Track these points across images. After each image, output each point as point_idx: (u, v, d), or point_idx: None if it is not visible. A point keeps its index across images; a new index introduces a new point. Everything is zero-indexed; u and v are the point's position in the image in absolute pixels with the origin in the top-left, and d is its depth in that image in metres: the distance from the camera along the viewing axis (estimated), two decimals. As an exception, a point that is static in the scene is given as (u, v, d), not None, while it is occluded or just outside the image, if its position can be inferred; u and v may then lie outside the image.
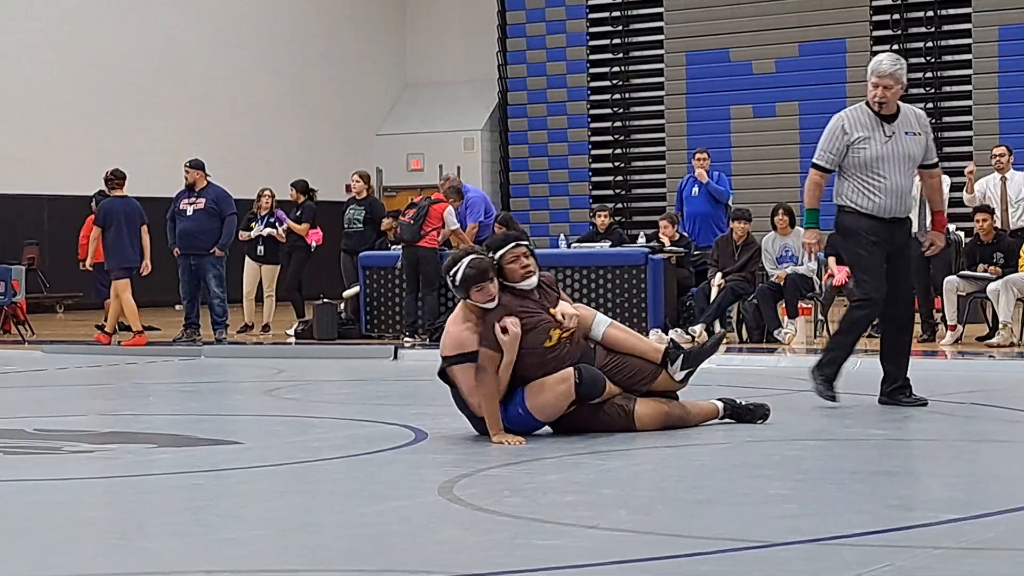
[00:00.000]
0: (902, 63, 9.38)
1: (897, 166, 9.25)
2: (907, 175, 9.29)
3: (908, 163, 9.28)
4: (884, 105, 9.26)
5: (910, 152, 9.26)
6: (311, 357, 15.19)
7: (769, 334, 15.31)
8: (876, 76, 9.24)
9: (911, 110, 9.40)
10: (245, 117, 28.68)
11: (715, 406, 8.57)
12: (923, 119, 9.42)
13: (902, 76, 9.23)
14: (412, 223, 16.34)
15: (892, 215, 9.32)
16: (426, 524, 5.79)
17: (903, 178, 9.28)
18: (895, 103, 9.28)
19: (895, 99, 9.27)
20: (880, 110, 9.29)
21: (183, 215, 17.05)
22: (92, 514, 6.14)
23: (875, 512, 5.87)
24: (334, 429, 8.46)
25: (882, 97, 9.24)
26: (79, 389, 12.84)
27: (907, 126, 9.27)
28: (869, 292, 9.31)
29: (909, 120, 9.30)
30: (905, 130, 9.25)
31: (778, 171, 26.86)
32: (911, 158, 9.27)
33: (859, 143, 9.27)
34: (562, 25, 29.78)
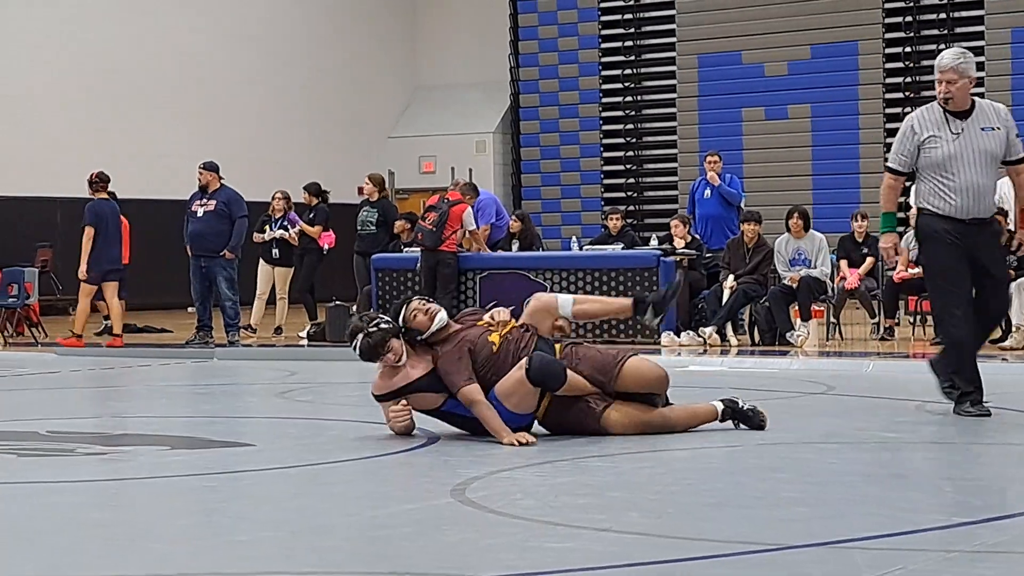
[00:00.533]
0: (967, 56, 9.04)
1: (971, 164, 8.88)
2: (984, 173, 8.89)
3: (984, 160, 8.88)
4: (951, 101, 8.93)
5: (986, 148, 8.88)
6: (324, 359, 15.20)
7: (781, 336, 15.31)
8: (939, 71, 8.94)
9: (989, 105, 9.05)
10: (258, 120, 28.72)
11: (713, 408, 8.40)
12: (1003, 113, 9.02)
13: (967, 69, 8.91)
14: (434, 229, 16.37)
15: (971, 216, 8.91)
16: (438, 526, 5.79)
17: (979, 176, 8.88)
18: (964, 98, 8.94)
19: (962, 94, 8.92)
20: (948, 106, 8.95)
21: (194, 216, 17.08)
22: (104, 516, 6.15)
23: (887, 515, 5.86)
24: (346, 431, 8.47)
25: (947, 92, 8.92)
26: (92, 391, 12.87)
27: (983, 121, 8.91)
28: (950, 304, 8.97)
29: (987, 115, 8.94)
30: (981, 126, 8.90)
31: (790, 173, 26.85)
32: (987, 154, 8.88)
33: (929, 142, 8.91)
34: (574, 28, 29.79)
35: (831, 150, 26.84)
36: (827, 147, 26.92)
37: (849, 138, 26.71)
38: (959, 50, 9.17)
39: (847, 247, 16.43)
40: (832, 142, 26.86)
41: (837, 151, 26.77)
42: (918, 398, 9.96)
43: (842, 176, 26.63)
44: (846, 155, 26.71)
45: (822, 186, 26.64)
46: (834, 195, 25.95)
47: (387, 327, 8.24)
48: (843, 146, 26.73)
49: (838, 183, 26.51)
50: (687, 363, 13.75)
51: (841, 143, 26.74)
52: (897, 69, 26.74)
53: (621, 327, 15.77)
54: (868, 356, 13.68)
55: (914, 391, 10.29)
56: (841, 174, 26.66)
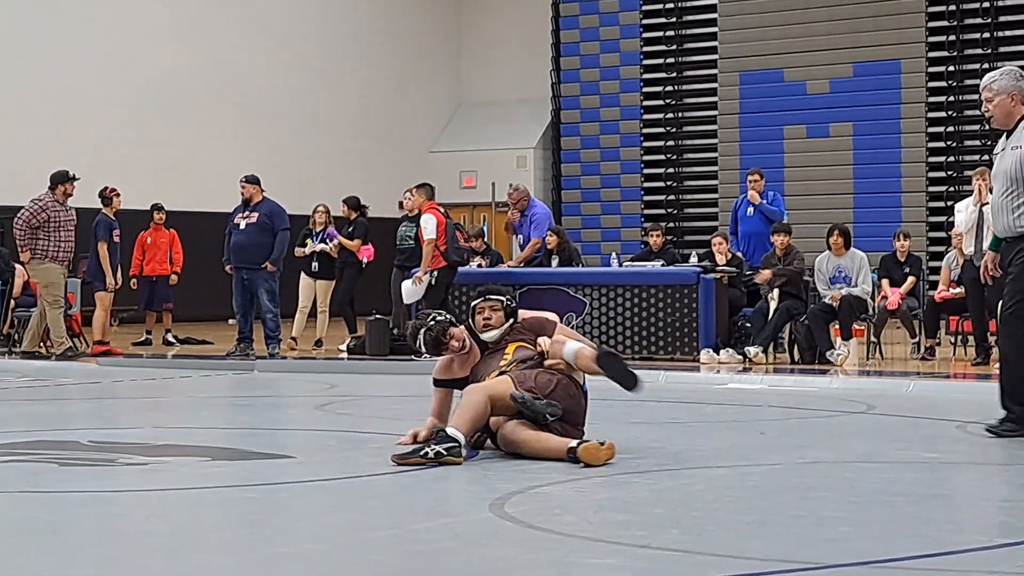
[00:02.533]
0: (1007, 72, 9.03)
1: (996, 182, 9.01)
2: (1001, 192, 8.93)
3: (1002, 179, 8.93)
4: (992, 119, 9.04)
5: (1004, 168, 8.93)
6: (363, 372, 15.24)
7: (821, 355, 15.26)
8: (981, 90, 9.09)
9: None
10: (301, 133, 28.83)
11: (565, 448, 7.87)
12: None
13: (1002, 86, 8.90)
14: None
15: (1000, 234, 9.08)
16: (478, 541, 5.80)
17: (998, 194, 8.97)
18: (1004, 116, 8.97)
19: (1001, 111, 8.94)
20: (991, 124, 9.09)
21: (236, 229, 17.16)
22: (147, 527, 6.18)
23: (929, 536, 5.84)
24: (386, 445, 8.47)
25: (986, 111, 9.04)
26: (133, 402, 12.93)
27: (1017, 141, 8.93)
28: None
29: (1020, 135, 8.93)
30: (1013, 144, 8.93)
31: (831, 192, 26.78)
32: (1005, 174, 8.91)
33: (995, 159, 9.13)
34: (616, 44, 29.81)
35: (873, 168, 26.76)
36: (869, 165, 26.84)
37: (891, 157, 26.62)
38: (1005, 68, 9.14)
39: (888, 266, 16.38)
40: (874, 160, 26.77)
41: (879, 170, 26.69)
42: (959, 418, 9.91)
43: (883, 195, 26.55)
44: (888, 174, 26.62)
45: (863, 204, 26.57)
46: (875, 214, 25.88)
47: (443, 319, 8.44)
48: (885, 164, 26.64)
49: (879, 202, 26.43)
50: (726, 381, 13.74)
51: (883, 161, 26.65)
52: (940, 88, 26.64)
53: (660, 343, 15.75)
54: (909, 376, 13.62)
55: (955, 411, 10.24)
56: (882, 192, 26.57)
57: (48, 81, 24.87)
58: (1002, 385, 9.01)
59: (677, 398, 12.16)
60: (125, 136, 25.38)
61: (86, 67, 25.33)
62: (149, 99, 26.18)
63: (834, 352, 15.11)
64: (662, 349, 15.75)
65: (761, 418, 10.45)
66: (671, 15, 29.27)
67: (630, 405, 8.91)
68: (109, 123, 25.48)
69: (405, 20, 31.25)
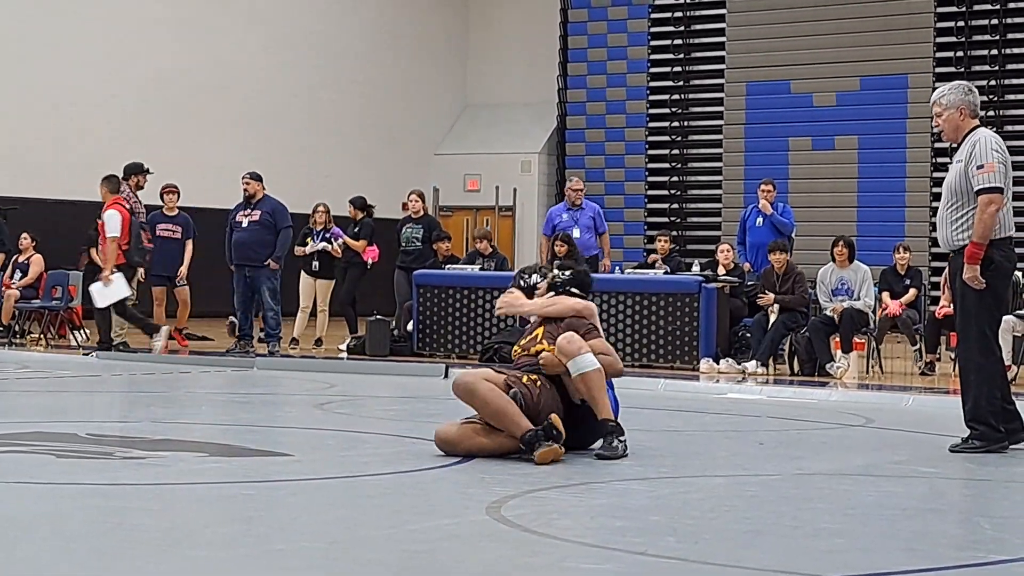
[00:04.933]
0: (956, 87, 9.14)
1: (943, 196, 9.15)
2: (947, 204, 9.04)
3: (945, 192, 9.07)
4: (943, 134, 9.19)
5: (948, 180, 9.07)
6: (363, 373, 15.24)
7: (821, 367, 15.25)
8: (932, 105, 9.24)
9: (971, 138, 9.04)
10: (305, 132, 28.84)
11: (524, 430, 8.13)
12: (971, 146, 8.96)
13: (951, 100, 9.03)
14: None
15: (942, 248, 9.27)
16: (475, 543, 5.80)
17: (942, 207, 9.11)
18: (953, 130, 9.09)
19: (948, 126, 9.08)
20: (943, 138, 9.26)
21: (239, 226, 17.18)
22: (144, 520, 6.18)
23: (925, 550, 5.84)
24: (383, 445, 8.49)
25: (936, 126, 9.21)
26: (132, 396, 12.93)
27: (960, 154, 9.05)
28: None
29: (964, 149, 9.03)
30: (957, 158, 9.07)
31: (835, 204, 26.77)
32: (947, 187, 9.04)
33: None
34: (623, 51, 29.82)
35: (877, 183, 26.75)
36: (873, 179, 26.83)
37: (896, 171, 26.61)
38: (954, 83, 9.23)
39: (889, 279, 16.37)
40: (878, 175, 26.77)
41: (883, 184, 26.68)
42: (958, 434, 9.90)
43: (887, 209, 26.54)
44: (892, 188, 26.61)
45: (867, 218, 26.56)
46: (878, 228, 25.87)
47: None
48: (889, 179, 26.63)
49: (883, 216, 26.42)
50: (726, 391, 13.74)
51: (887, 176, 26.64)
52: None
53: (660, 351, 15.75)
54: (908, 390, 13.62)
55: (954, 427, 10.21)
56: (886, 207, 26.56)
57: (48, 80, 24.85)
58: (964, 404, 9.13)
59: (676, 406, 12.17)
60: (126, 134, 25.37)
61: (87, 66, 25.32)
62: (150, 97, 26.17)
63: (834, 365, 15.11)
64: (662, 357, 15.75)
65: (759, 428, 10.46)
66: (679, 23, 29.28)
67: (628, 412, 8.90)
68: (110, 121, 25.46)
69: (411, 21, 31.26)
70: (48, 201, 24.15)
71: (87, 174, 23.92)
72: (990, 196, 8.82)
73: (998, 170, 8.85)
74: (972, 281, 8.86)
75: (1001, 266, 8.98)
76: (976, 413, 9.03)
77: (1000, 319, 9.37)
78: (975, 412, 9.03)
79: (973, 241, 8.84)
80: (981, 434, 8.99)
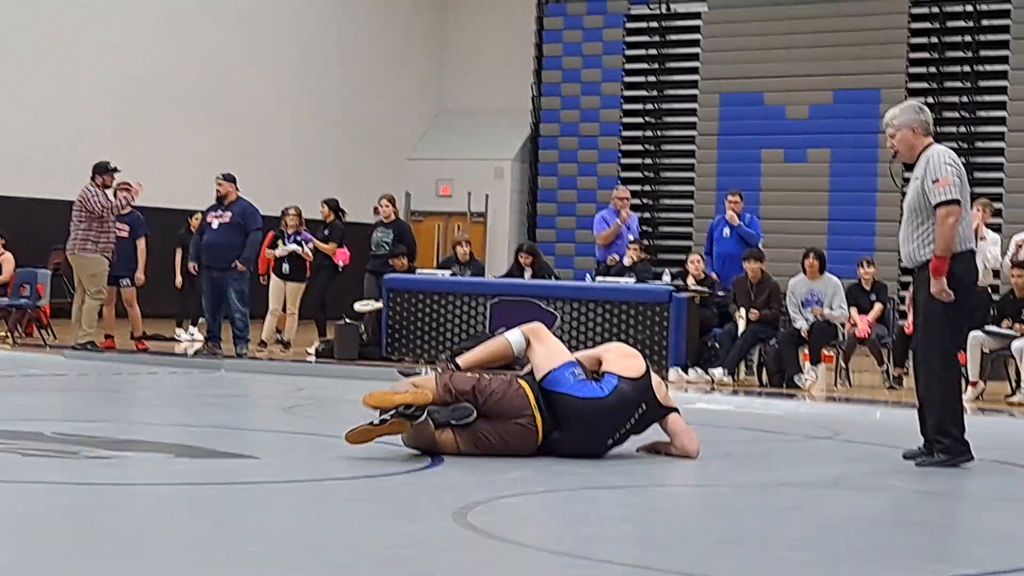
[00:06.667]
0: (908, 107, 9.26)
1: (904, 214, 9.24)
2: (908, 222, 9.15)
3: (906, 210, 9.18)
4: (897, 154, 9.26)
5: (908, 199, 9.15)
6: (331, 376, 15.19)
7: (790, 379, 15.28)
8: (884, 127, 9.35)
9: (925, 155, 9.11)
10: (278, 135, 28.77)
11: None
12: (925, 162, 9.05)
13: (903, 121, 9.12)
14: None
15: (905, 264, 9.35)
16: (442, 550, 5.77)
17: (903, 225, 9.22)
18: (908, 149, 9.17)
19: (903, 145, 9.16)
20: (898, 159, 9.34)
21: (209, 228, 17.12)
22: (110, 520, 6.14)
23: (892, 563, 5.84)
24: (351, 449, 8.44)
25: (891, 147, 9.29)
26: (99, 396, 12.86)
27: (916, 172, 9.12)
28: None
29: (920, 166, 9.11)
30: (915, 176, 9.13)
31: (806, 216, 26.84)
32: (907, 205, 9.15)
33: None
34: (598, 60, 29.86)
35: (848, 195, 26.84)
36: (844, 192, 26.91)
37: (866, 184, 26.69)
38: (903, 104, 9.37)
39: (855, 294, 16.40)
40: (849, 188, 26.85)
41: (854, 197, 26.77)
42: (926, 448, 9.92)
43: (857, 222, 26.62)
44: (863, 201, 26.70)
45: (837, 231, 26.64)
46: (848, 241, 25.94)
47: None
48: (860, 192, 26.71)
49: (853, 229, 26.50)
50: (694, 400, 13.74)
51: (858, 189, 26.72)
52: (919, 119, 26.67)
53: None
54: (876, 403, 13.65)
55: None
56: (857, 220, 26.64)
57: (29, 79, 24.74)
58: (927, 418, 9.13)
59: (645, 415, 12.13)
60: (100, 129, 25.27)
61: (68, 65, 25.21)
62: (126, 100, 26.07)
63: (802, 377, 15.14)
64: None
65: (728, 439, 10.45)
66: (654, 33, 29.33)
67: (598, 420, 8.88)
68: (84, 116, 25.36)
69: (388, 26, 31.22)
70: (16, 199, 24.02)
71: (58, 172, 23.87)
72: (948, 208, 8.91)
73: (953, 183, 8.95)
74: (939, 294, 8.91)
75: (963, 279, 9.07)
76: (941, 426, 9.06)
77: (963, 332, 9.44)
78: (940, 425, 9.06)
79: (936, 254, 8.91)
80: (946, 447, 9.02)
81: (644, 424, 8.61)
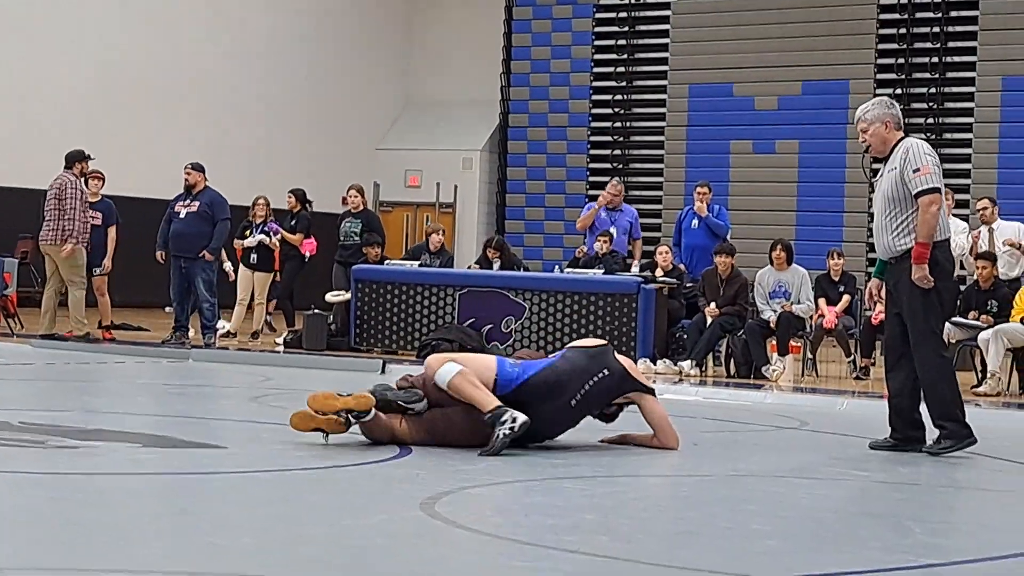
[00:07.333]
0: (879, 102, 9.42)
1: (876, 205, 9.34)
2: (882, 213, 9.24)
3: (881, 201, 9.25)
4: (870, 148, 9.37)
5: (883, 190, 9.23)
6: (299, 366, 15.18)
7: (757, 370, 15.33)
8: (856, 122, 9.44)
9: (901, 147, 9.24)
10: (246, 125, 28.67)
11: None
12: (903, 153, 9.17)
13: (875, 115, 9.26)
14: None
15: (882, 256, 9.41)
16: (408, 540, 5.78)
17: (879, 216, 9.29)
18: (880, 143, 9.29)
19: (876, 139, 9.28)
20: (870, 153, 9.45)
21: (177, 217, 17.09)
22: (77, 510, 6.13)
23: (856, 553, 5.88)
24: (318, 439, 8.44)
25: (863, 141, 9.39)
26: (66, 385, 12.82)
27: (892, 163, 9.23)
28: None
29: (896, 157, 9.22)
30: (890, 167, 9.23)
31: (775, 208, 26.90)
32: (883, 196, 9.22)
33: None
34: (567, 50, 29.84)
35: (816, 187, 26.91)
36: (813, 183, 26.98)
37: (835, 176, 26.76)
38: (874, 99, 9.56)
39: (823, 285, 16.46)
40: (818, 179, 26.92)
41: (822, 188, 26.84)
42: (891, 438, 9.97)
43: (826, 214, 26.70)
44: (831, 193, 26.77)
45: (805, 222, 26.71)
46: (816, 232, 26.02)
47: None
48: (828, 183, 26.78)
49: (821, 220, 26.57)
50: (662, 391, 13.74)
51: (827, 180, 26.80)
52: (886, 111, 26.74)
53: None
54: (843, 394, 13.71)
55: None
56: (825, 211, 26.72)
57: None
58: (928, 406, 9.27)
59: (612, 406, 12.16)
60: (68, 117, 25.17)
61: (36, 54, 25.07)
62: (98, 87, 25.96)
63: (770, 367, 15.19)
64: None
65: (695, 430, 10.48)
66: (624, 24, 29.34)
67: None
68: (52, 104, 25.24)
69: (356, 15, 31.15)
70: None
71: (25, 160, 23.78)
72: (930, 197, 9.05)
73: (933, 171, 9.10)
74: (921, 281, 9.03)
75: (944, 266, 9.21)
76: (943, 411, 9.18)
77: (944, 319, 9.57)
78: (942, 410, 9.18)
79: (919, 242, 9.04)
80: (950, 432, 9.17)
81: (609, 388, 8.58)
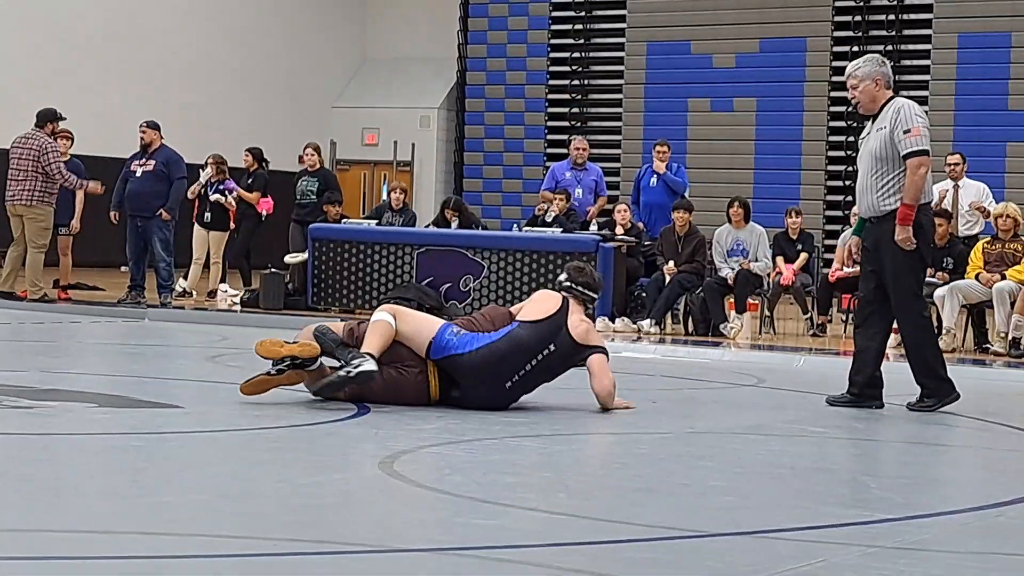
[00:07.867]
0: (870, 59, 9.45)
1: (862, 163, 9.33)
2: (868, 172, 9.23)
3: (868, 160, 9.23)
4: (859, 105, 9.39)
5: (870, 148, 9.22)
6: (256, 326, 15.11)
7: (715, 328, 15.37)
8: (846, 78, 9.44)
9: (891, 106, 9.25)
10: (202, 83, 28.49)
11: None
12: (894, 113, 9.18)
13: (866, 72, 9.29)
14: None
15: (864, 215, 9.41)
16: (365, 498, 5.78)
17: (864, 175, 9.28)
18: (870, 101, 9.30)
19: (866, 96, 9.30)
20: (858, 110, 9.49)
21: (132, 176, 16.97)
22: (29, 470, 6.09)
23: (812, 508, 5.91)
24: (275, 399, 8.42)
25: (852, 98, 9.41)
26: (20, 345, 12.75)
27: (881, 122, 9.22)
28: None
29: (886, 116, 9.22)
30: (879, 126, 9.22)
31: (732, 166, 26.92)
32: (870, 154, 9.20)
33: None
34: (525, 8, 29.73)
35: (774, 144, 26.94)
36: (770, 141, 27.01)
37: (793, 134, 26.80)
38: (868, 56, 9.56)
39: (781, 243, 16.47)
40: (775, 137, 26.95)
41: (780, 146, 26.88)
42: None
43: (783, 172, 26.75)
44: (788, 151, 26.81)
45: (763, 180, 26.74)
46: (774, 190, 26.06)
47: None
48: (786, 141, 26.83)
49: (779, 178, 26.62)
50: (621, 350, 13.78)
51: (784, 138, 26.84)
52: (844, 68, 26.75)
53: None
54: (800, 351, 13.77)
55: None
56: (782, 169, 26.77)
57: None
58: (912, 365, 9.37)
59: (570, 364, 12.17)
60: (19, 76, 24.95)
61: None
62: (46, 41, 25.72)
63: (727, 325, 15.23)
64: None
65: (653, 387, 10.51)
66: (581, -19, 29.25)
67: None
68: (10, 69, 25.01)
69: (314, -27, 30.94)
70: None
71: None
72: (919, 159, 9.08)
73: (923, 134, 9.15)
74: (905, 242, 9.07)
75: (927, 228, 9.31)
76: (926, 370, 9.25)
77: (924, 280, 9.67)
78: (925, 368, 9.26)
79: (905, 203, 9.06)
80: (933, 390, 9.26)
81: (552, 366, 8.57)
